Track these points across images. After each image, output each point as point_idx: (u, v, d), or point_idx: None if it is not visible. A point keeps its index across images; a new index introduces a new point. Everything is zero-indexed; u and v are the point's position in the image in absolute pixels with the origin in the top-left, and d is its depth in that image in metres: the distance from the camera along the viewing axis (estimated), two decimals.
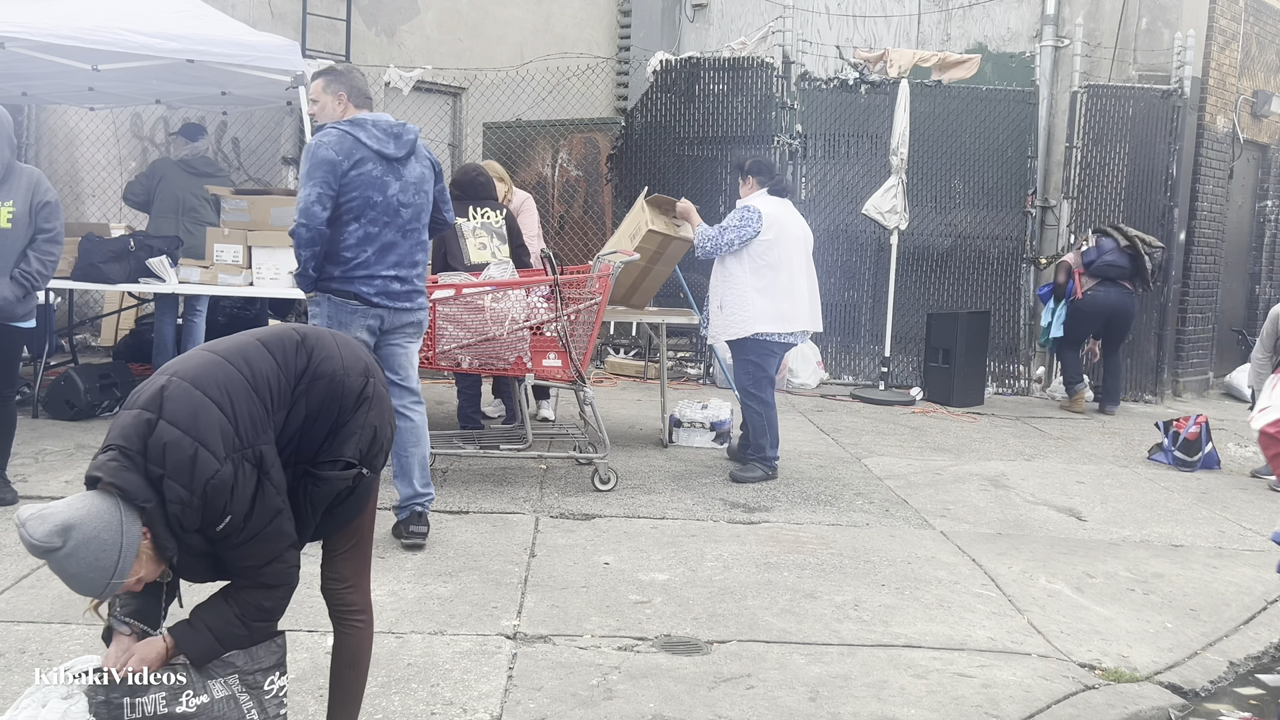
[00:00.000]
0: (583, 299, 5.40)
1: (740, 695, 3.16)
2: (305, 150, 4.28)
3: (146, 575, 2.15)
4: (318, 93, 4.38)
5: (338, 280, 4.24)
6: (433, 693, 3.09)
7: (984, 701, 3.23)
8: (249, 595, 2.22)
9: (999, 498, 5.73)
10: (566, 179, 10.24)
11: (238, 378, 2.22)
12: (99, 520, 2.05)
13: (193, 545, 2.16)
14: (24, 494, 4.86)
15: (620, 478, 5.51)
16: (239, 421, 2.16)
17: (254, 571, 2.21)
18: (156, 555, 2.13)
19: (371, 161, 4.20)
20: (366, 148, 4.20)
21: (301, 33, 9.17)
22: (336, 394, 2.34)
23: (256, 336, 2.37)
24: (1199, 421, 6.79)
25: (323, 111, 4.37)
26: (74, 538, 2.02)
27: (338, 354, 2.39)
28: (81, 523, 2.03)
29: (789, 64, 9.37)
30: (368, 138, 4.20)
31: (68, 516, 2.03)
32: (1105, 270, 8.35)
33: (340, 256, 4.22)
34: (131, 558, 2.07)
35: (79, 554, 2.03)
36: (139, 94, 7.00)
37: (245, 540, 2.17)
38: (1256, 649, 3.89)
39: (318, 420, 2.32)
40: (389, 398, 2.52)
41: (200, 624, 2.23)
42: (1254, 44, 10.50)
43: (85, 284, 6.65)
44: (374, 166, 4.21)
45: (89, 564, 2.04)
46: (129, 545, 2.06)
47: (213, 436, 2.11)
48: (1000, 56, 10.01)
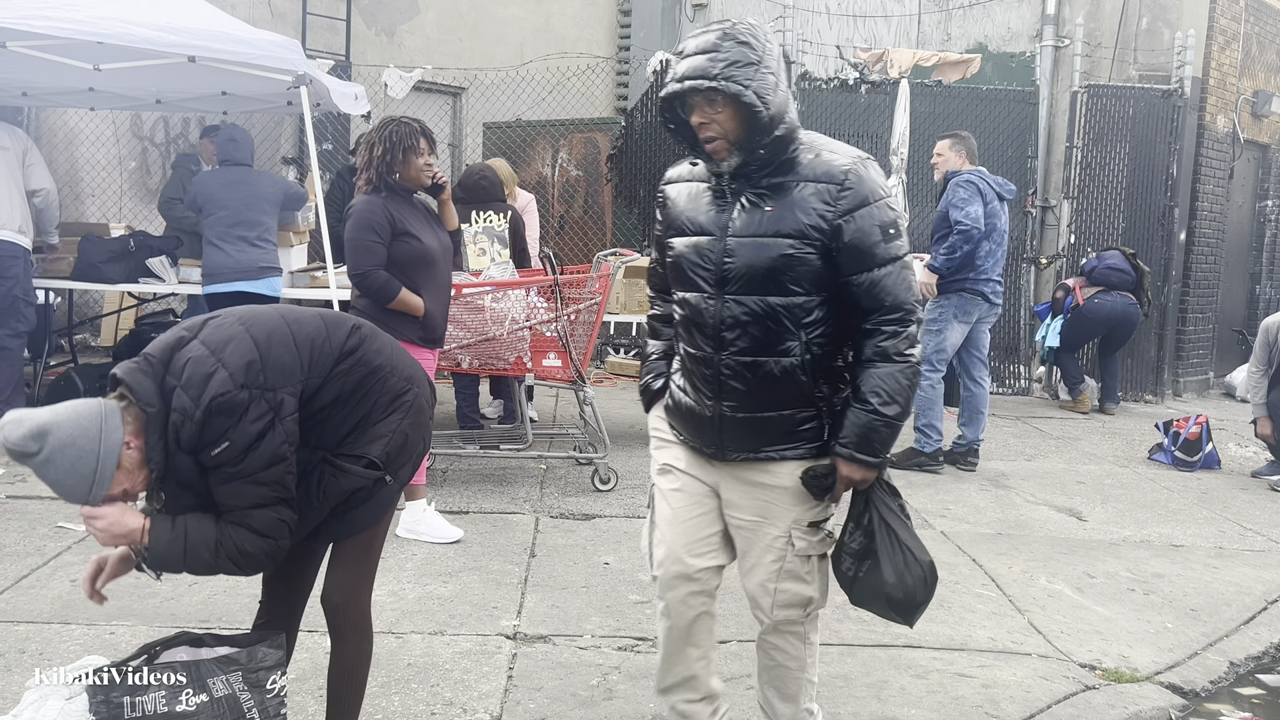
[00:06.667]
0: (583, 299, 5.40)
1: (740, 695, 3.16)
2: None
3: (131, 488, 2.14)
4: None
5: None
6: (433, 693, 3.09)
7: (984, 701, 3.23)
8: (235, 532, 2.16)
9: (999, 498, 5.73)
10: (566, 179, 10.23)
11: (283, 328, 2.27)
12: (75, 426, 2.04)
13: (182, 469, 2.14)
14: (24, 494, 4.87)
15: (620, 478, 5.50)
16: (268, 363, 2.18)
17: (240, 513, 2.15)
18: (142, 467, 2.12)
19: None
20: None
21: (301, 32, 9.17)
22: (374, 388, 2.35)
23: (318, 311, 2.44)
24: (1199, 421, 6.79)
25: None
26: (49, 443, 2.02)
27: (388, 353, 2.42)
28: (58, 427, 2.03)
29: (789, 64, 9.36)
30: None
31: (45, 420, 2.04)
32: (1107, 277, 8.33)
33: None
34: (111, 466, 2.07)
35: (56, 460, 2.03)
36: (139, 94, 6.98)
37: (238, 476, 2.13)
38: (1257, 649, 3.89)
39: (349, 406, 2.31)
40: (430, 412, 2.52)
41: (180, 527, 2.17)
42: (1254, 44, 10.50)
43: (85, 284, 6.65)
44: None
45: (67, 470, 2.04)
46: (108, 453, 2.06)
47: (237, 364, 2.14)
48: (1000, 56, 10.00)
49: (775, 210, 2.30)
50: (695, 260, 2.40)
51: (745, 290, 2.33)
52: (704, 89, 2.24)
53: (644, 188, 9.67)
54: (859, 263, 2.29)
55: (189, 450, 2.12)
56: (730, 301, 2.34)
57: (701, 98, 2.27)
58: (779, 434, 2.39)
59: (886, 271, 2.29)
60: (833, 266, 2.30)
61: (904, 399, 2.30)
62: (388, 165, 4.17)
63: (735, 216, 2.35)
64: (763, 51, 2.26)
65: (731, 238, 2.34)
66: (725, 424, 2.42)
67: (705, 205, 2.41)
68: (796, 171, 2.32)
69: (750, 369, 2.35)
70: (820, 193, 2.29)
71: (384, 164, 4.17)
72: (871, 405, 2.28)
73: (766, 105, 2.24)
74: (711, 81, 2.22)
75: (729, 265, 2.34)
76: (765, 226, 2.31)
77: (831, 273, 2.31)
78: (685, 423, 2.53)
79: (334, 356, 2.30)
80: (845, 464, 2.35)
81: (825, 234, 2.28)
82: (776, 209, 2.30)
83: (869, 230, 2.28)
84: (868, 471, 2.36)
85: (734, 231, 2.34)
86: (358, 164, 4.34)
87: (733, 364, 2.37)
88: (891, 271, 2.29)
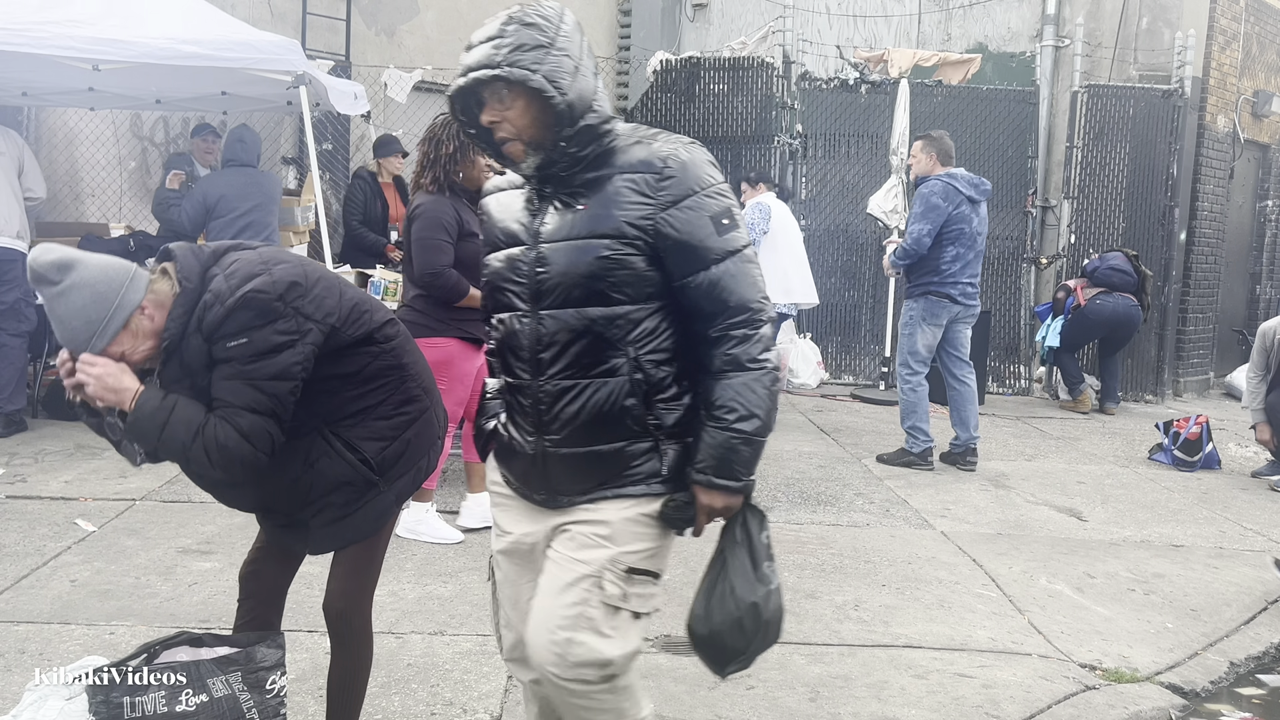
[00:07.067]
0: None
1: (740, 695, 3.16)
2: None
3: (129, 354, 2.15)
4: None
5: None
6: (433, 693, 3.09)
7: (984, 702, 3.23)
8: (221, 426, 2.12)
9: (999, 498, 5.73)
10: None
11: (334, 278, 2.34)
12: (101, 273, 2.11)
13: (192, 351, 2.15)
14: (24, 494, 4.87)
15: None
16: (310, 294, 2.22)
17: (233, 411, 2.13)
18: (150, 338, 2.15)
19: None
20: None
21: (301, 32, 9.16)
22: (391, 383, 2.35)
23: (368, 294, 2.51)
24: (1199, 422, 6.79)
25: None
26: (71, 278, 2.08)
27: (416, 362, 2.44)
28: (84, 268, 2.10)
29: (789, 64, 9.37)
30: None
31: (74, 258, 2.11)
32: (1109, 278, 8.33)
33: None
34: (119, 322, 2.11)
35: (70, 296, 2.08)
36: (139, 94, 6.98)
37: (243, 375, 2.13)
38: (1257, 649, 3.89)
39: (361, 389, 2.32)
40: (440, 431, 2.51)
41: (170, 400, 2.14)
42: (1254, 44, 10.50)
43: None
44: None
45: (77, 310, 2.09)
46: (121, 308, 2.11)
47: (283, 278, 2.18)
48: (1001, 56, 10.01)
49: (589, 209, 2.00)
50: (508, 274, 2.08)
51: (562, 303, 2.01)
52: (488, 79, 1.96)
53: None
54: (692, 262, 1.98)
55: (207, 336, 2.13)
56: (546, 317, 2.02)
57: (489, 92, 1.99)
58: (611, 472, 2.04)
59: (724, 269, 1.97)
60: (663, 269, 1.99)
61: (764, 411, 1.98)
62: (453, 164, 4.18)
63: (547, 220, 2.04)
64: (554, 33, 1.98)
65: (544, 244, 2.03)
66: (550, 463, 2.07)
67: (517, 212, 2.11)
68: (612, 164, 2.02)
69: (572, 394, 2.02)
70: (638, 184, 1.98)
71: (450, 162, 4.17)
72: (727, 421, 1.96)
73: (560, 90, 1.95)
74: (495, 70, 1.95)
75: (542, 275, 2.02)
76: (578, 228, 2.00)
77: (662, 276, 2.00)
78: (511, 466, 2.18)
79: (369, 330, 2.32)
80: (704, 491, 2.02)
81: (646, 231, 1.97)
82: (590, 207, 2.00)
83: (698, 223, 1.97)
84: (730, 498, 2.03)
85: (545, 237, 2.03)
86: (418, 163, 4.33)
87: (552, 390, 2.03)
88: (730, 268, 1.98)
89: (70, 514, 4.59)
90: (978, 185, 6.21)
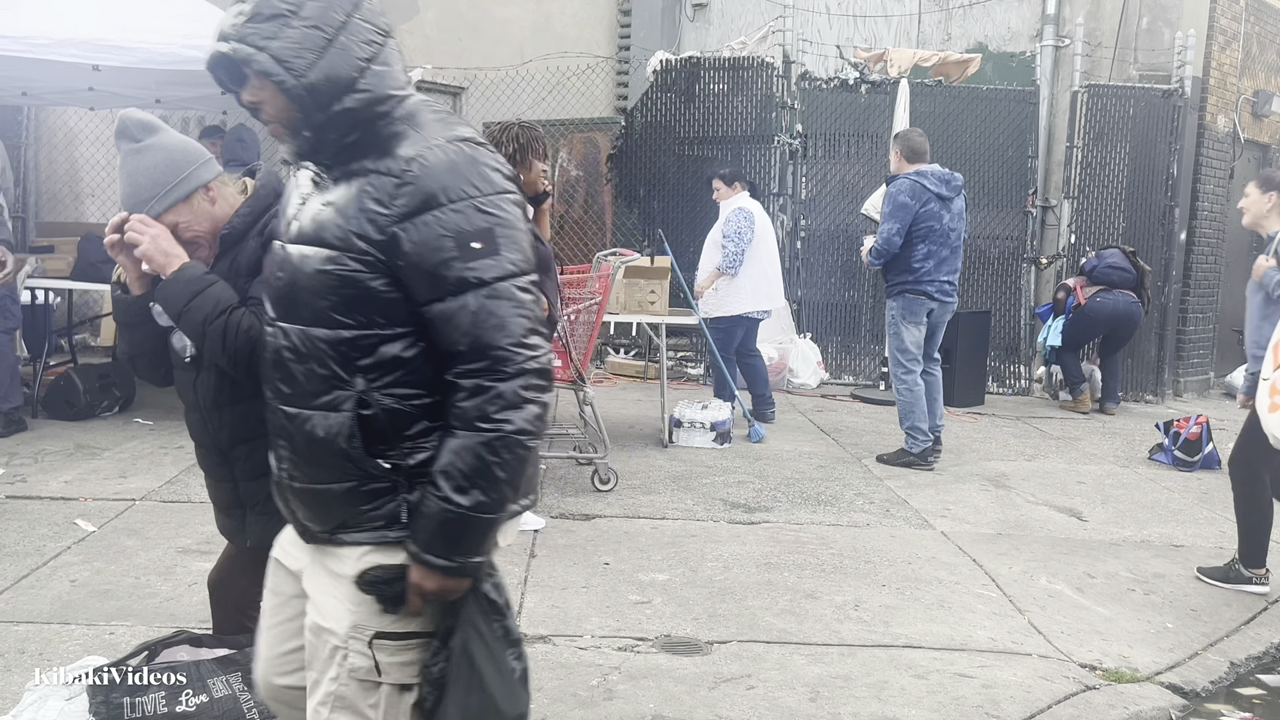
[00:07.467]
0: (583, 299, 5.39)
1: (740, 696, 3.16)
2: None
3: (184, 227, 2.23)
4: None
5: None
6: None
7: (985, 702, 3.23)
8: (249, 316, 2.16)
9: (999, 498, 5.73)
10: (566, 179, 10.24)
11: None
12: (180, 146, 2.26)
13: (245, 256, 2.25)
14: (24, 494, 4.87)
15: (620, 478, 5.50)
16: None
17: (262, 309, 2.08)
18: (206, 220, 2.25)
19: None
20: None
21: None
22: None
23: None
24: (1199, 422, 6.78)
25: None
26: (152, 140, 2.21)
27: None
28: (168, 136, 2.24)
29: (789, 64, 9.36)
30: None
31: (160, 125, 2.25)
32: (1108, 275, 8.32)
33: None
34: (183, 192, 2.22)
35: (145, 155, 2.20)
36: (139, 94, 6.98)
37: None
38: (1257, 649, 3.89)
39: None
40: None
41: (210, 279, 2.20)
42: (1254, 44, 10.50)
43: (85, 284, 6.66)
44: None
45: (148, 168, 2.20)
46: (189, 180, 2.23)
47: None
48: (1001, 56, 10.00)
49: (330, 210, 1.69)
50: (268, 270, 1.83)
51: (290, 316, 1.72)
52: (218, 57, 1.70)
53: (644, 188, 9.67)
54: (427, 288, 1.62)
55: (266, 241, 2.11)
56: (277, 330, 1.75)
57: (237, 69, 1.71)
58: (345, 511, 1.71)
59: (462, 303, 1.60)
60: (405, 291, 1.65)
61: (486, 484, 1.60)
62: (512, 166, 4.18)
63: (305, 212, 1.75)
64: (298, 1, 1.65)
65: (291, 244, 1.75)
66: (287, 494, 1.80)
67: (294, 198, 1.82)
68: (379, 157, 1.67)
69: (294, 424, 1.73)
70: (376, 188, 1.64)
71: (509, 164, 4.18)
72: (443, 492, 1.61)
73: (293, 71, 1.63)
74: (225, 46, 1.67)
75: (280, 280, 1.75)
76: (310, 232, 1.70)
77: (406, 299, 1.65)
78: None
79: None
80: (415, 566, 1.66)
81: (377, 245, 1.62)
82: (332, 208, 1.68)
83: (434, 243, 1.60)
84: (446, 580, 1.65)
85: (292, 236, 1.76)
86: None
87: (279, 414, 1.76)
88: (471, 302, 1.60)
89: (70, 514, 4.59)
90: (949, 181, 6.19)
